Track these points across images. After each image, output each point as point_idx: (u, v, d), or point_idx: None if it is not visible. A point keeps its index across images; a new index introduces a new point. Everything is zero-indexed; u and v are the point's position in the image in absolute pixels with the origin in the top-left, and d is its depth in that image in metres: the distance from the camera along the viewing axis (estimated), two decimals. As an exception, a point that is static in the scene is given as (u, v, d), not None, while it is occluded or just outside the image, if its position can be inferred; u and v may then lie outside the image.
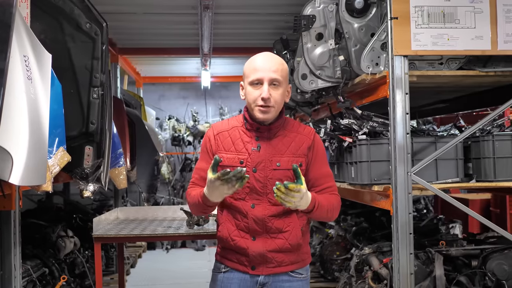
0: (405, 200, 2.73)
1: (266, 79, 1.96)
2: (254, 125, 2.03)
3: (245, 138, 2.04)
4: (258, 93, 1.96)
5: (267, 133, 2.02)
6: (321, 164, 2.07)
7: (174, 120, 9.05)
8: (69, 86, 2.84)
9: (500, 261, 3.13)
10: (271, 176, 1.98)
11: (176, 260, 7.22)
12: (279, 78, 1.97)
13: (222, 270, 2.08)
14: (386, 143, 2.93)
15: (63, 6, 2.83)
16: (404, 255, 2.73)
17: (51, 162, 2.52)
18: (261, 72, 1.96)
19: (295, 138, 2.04)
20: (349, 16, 3.08)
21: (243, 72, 2.04)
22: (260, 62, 1.99)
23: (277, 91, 1.98)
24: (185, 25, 5.22)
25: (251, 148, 2.01)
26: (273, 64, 1.98)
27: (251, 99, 1.98)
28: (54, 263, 3.87)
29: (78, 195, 3.17)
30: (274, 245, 1.99)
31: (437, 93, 3.96)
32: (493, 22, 2.78)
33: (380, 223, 4.67)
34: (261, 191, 1.99)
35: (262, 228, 1.99)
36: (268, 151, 2.00)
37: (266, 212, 1.99)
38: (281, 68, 1.99)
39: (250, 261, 2.01)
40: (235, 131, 2.05)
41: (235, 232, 2.02)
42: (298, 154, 2.02)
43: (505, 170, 2.94)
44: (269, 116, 1.98)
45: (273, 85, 1.97)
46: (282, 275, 2.03)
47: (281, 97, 1.99)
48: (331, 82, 3.26)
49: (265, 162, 1.99)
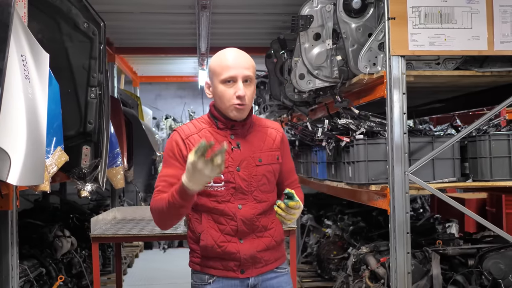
0: (402, 200, 2.74)
1: (240, 76, 1.89)
2: (228, 123, 1.95)
3: (219, 138, 1.94)
4: (233, 92, 1.89)
5: (241, 130, 1.96)
6: (289, 157, 2.10)
7: (171, 120, 9.06)
8: (67, 86, 2.84)
9: (496, 260, 3.14)
10: (255, 173, 1.94)
11: (173, 259, 7.22)
12: (251, 75, 1.92)
13: (209, 280, 1.96)
14: (384, 143, 2.94)
15: (60, 5, 2.83)
16: (401, 254, 2.74)
17: (48, 162, 2.52)
18: (234, 70, 1.89)
19: (267, 132, 2.02)
20: (347, 16, 3.08)
21: (211, 70, 1.95)
22: (232, 58, 1.91)
23: (250, 88, 1.92)
24: (182, 25, 5.23)
25: (230, 147, 1.93)
26: (245, 61, 1.92)
27: (225, 97, 1.90)
28: (51, 263, 3.86)
29: (75, 195, 3.17)
30: (262, 244, 1.96)
31: (434, 93, 3.97)
32: (489, 23, 2.79)
33: (377, 223, 4.68)
34: (246, 190, 1.93)
35: (250, 228, 1.94)
36: (248, 148, 1.95)
37: (254, 211, 1.94)
38: (252, 65, 1.94)
39: (240, 265, 1.94)
40: (205, 133, 1.95)
41: (221, 238, 1.92)
42: (274, 148, 2.00)
43: (501, 169, 2.95)
44: (244, 114, 1.93)
45: (246, 82, 1.91)
46: (269, 273, 2.01)
47: (253, 94, 1.95)
48: (328, 82, 3.26)
49: (247, 160, 1.94)
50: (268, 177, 1.97)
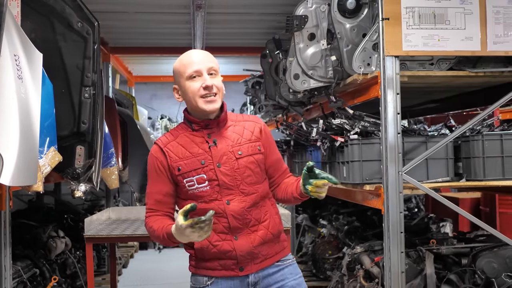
0: (396, 199, 2.75)
1: (204, 69, 1.94)
2: (202, 123, 1.97)
3: (197, 139, 1.97)
4: (199, 84, 1.93)
5: (217, 127, 1.99)
6: (274, 149, 2.09)
7: (166, 120, 9.05)
8: (61, 86, 2.83)
9: (490, 259, 3.15)
10: (237, 167, 1.95)
11: (168, 260, 7.21)
12: (215, 67, 1.96)
13: (207, 283, 1.96)
14: (378, 143, 2.95)
15: (54, 4, 2.82)
16: (395, 253, 2.75)
17: (42, 162, 2.51)
18: (197, 64, 1.94)
19: (245, 125, 2.03)
20: (341, 16, 3.09)
21: (177, 72, 2.00)
22: (193, 56, 1.98)
23: (216, 79, 1.96)
24: (178, 25, 5.22)
25: (207, 147, 1.95)
26: (205, 55, 1.99)
27: (193, 91, 1.93)
28: (45, 264, 3.85)
29: (69, 195, 3.16)
30: (258, 238, 1.95)
31: (428, 93, 3.98)
32: (482, 23, 2.80)
33: (371, 222, 4.69)
34: (231, 184, 1.93)
35: (242, 223, 1.93)
36: (226, 143, 1.97)
37: (243, 205, 1.94)
38: (214, 60, 1.99)
39: (238, 263, 1.94)
40: (183, 138, 1.98)
41: (215, 237, 1.93)
42: (253, 140, 2.01)
43: (494, 169, 2.97)
44: (216, 105, 1.95)
45: (211, 74, 1.95)
46: (270, 268, 1.99)
47: (221, 84, 1.98)
48: (323, 82, 3.27)
49: (227, 154, 1.95)
50: (252, 168, 1.97)
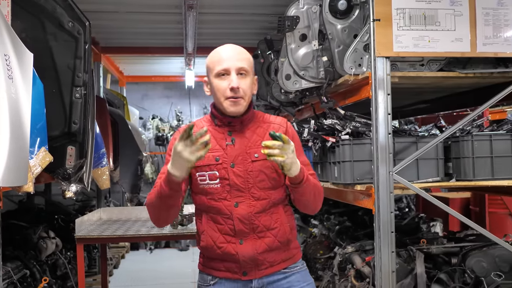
0: (387, 199, 2.76)
1: (233, 68, 1.86)
2: (225, 120, 1.92)
3: (217, 135, 1.92)
4: (226, 84, 1.86)
5: (240, 126, 1.93)
6: (298, 153, 1.96)
7: (157, 120, 9.03)
8: (51, 86, 2.82)
9: (479, 259, 3.18)
10: (251, 169, 1.88)
11: (159, 260, 7.19)
12: (246, 67, 1.88)
13: (211, 282, 1.95)
14: (369, 143, 2.96)
15: (45, 4, 2.81)
16: (386, 253, 2.75)
17: (32, 163, 2.50)
18: (227, 62, 1.87)
19: (269, 128, 1.95)
20: (333, 17, 3.10)
21: (207, 67, 1.94)
22: (225, 52, 1.90)
23: (245, 80, 1.88)
24: (169, 25, 5.21)
25: (225, 144, 1.90)
26: (238, 53, 1.90)
27: (219, 91, 1.88)
28: (36, 265, 3.82)
29: (60, 196, 3.15)
30: (263, 245, 1.89)
31: (419, 94, 4.01)
32: (472, 25, 2.83)
33: (363, 222, 4.72)
34: (242, 187, 1.88)
35: (249, 228, 1.88)
36: (244, 144, 1.91)
37: (251, 209, 1.87)
38: (246, 58, 1.91)
39: (241, 267, 1.89)
40: None
41: (221, 238, 1.89)
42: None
43: (483, 169, 2.99)
44: (240, 108, 1.89)
45: (240, 74, 1.87)
46: (276, 274, 1.93)
47: (249, 87, 1.90)
48: (314, 83, 3.28)
49: (242, 155, 1.89)
50: (266, 173, 1.90)
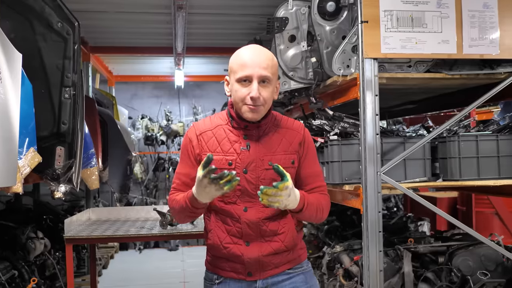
0: (375, 199, 2.79)
1: (256, 76, 1.81)
2: (241, 123, 1.88)
3: (232, 137, 1.89)
4: (247, 91, 1.81)
5: (256, 131, 1.89)
6: (312, 162, 1.96)
7: (147, 119, 9.01)
8: (40, 86, 2.81)
9: (465, 257, 3.23)
10: (263, 177, 1.85)
11: (149, 260, 7.18)
12: (269, 76, 1.83)
13: (216, 281, 1.95)
14: (357, 144, 2.99)
15: (33, 4, 2.80)
16: (374, 252, 2.78)
17: (21, 163, 2.49)
18: (250, 69, 1.81)
19: (285, 134, 1.92)
20: (321, 19, 3.13)
21: (230, 67, 1.88)
22: (249, 57, 1.83)
23: (267, 89, 1.83)
24: (158, 24, 5.21)
25: (239, 148, 1.86)
26: (263, 60, 1.83)
27: (239, 97, 1.83)
28: (24, 265, 3.81)
29: (49, 196, 3.14)
30: (269, 248, 1.88)
31: (407, 95, 4.05)
32: (458, 27, 2.87)
33: (351, 222, 4.75)
34: (253, 193, 1.85)
35: (256, 232, 1.87)
36: (259, 150, 1.87)
37: (260, 215, 1.87)
38: (271, 64, 1.85)
39: (246, 268, 1.89)
40: (220, 130, 1.90)
41: (227, 239, 1.89)
42: (289, 151, 1.90)
43: (469, 169, 3.04)
44: (258, 115, 1.84)
45: (262, 82, 1.82)
46: (280, 275, 1.93)
47: (270, 95, 1.85)
48: (303, 83, 3.31)
49: (256, 162, 1.86)
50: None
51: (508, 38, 2.90)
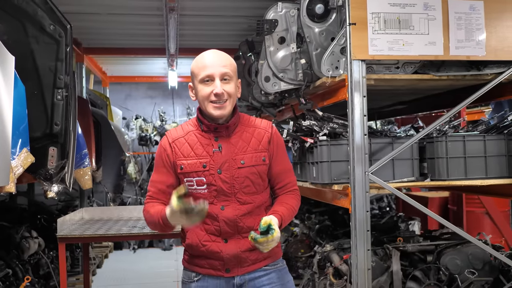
0: (363, 199, 2.82)
1: (217, 74, 1.93)
2: (211, 126, 1.98)
3: (203, 140, 1.99)
4: (210, 89, 1.93)
5: (226, 131, 1.99)
6: (282, 159, 2.07)
7: (141, 120, 9.03)
8: (33, 88, 2.84)
9: (453, 256, 3.27)
10: (237, 175, 1.96)
11: (143, 260, 7.20)
12: (229, 73, 1.95)
13: (194, 278, 2.02)
14: (345, 144, 3.02)
15: (26, 7, 2.83)
16: (362, 251, 2.81)
17: (14, 163, 2.52)
18: (211, 68, 1.93)
19: (254, 133, 2.02)
20: (310, 21, 3.16)
21: (191, 72, 2.00)
22: (209, 58, 1.96)
23: (229, 85, 1.95)
24: (151, 26, 5.24)
25: (212, 150, 1.96)
26: (222, 60, 1.96)
27: (204, 96, 1.94)
28: (18, 264, 3.83)
29: (43, 196, 3.17)
30: (247, 244, 1.96)
31: (396, 95, 4.10)
32: (445, 29, 2.90)
33: (342, 221, 4.80)
34: (229, 192, 1.96)
35: (234, 229, 1.96)
36: (231, 150, 1.97)
37: (237, 212, 1.96)
38: (230, 63, 1.97)
39: (224, 264, 1.97)
40: (191, 136, 2.00)
41: (206, 237, 1.97)
42: (260, 149, 2.00)
43: (457, 169, 3.07)
44: (225, 111, 1.95)
45: (224, 80, 1.94)
46: (257, 271, 2.01)
47: (233, 90, 1.96)
48: (293, 85, 3.34)
49: (229, 162, 1.96)
50: (252, 179, 1.98)
51: (494, 40, 2.94)
